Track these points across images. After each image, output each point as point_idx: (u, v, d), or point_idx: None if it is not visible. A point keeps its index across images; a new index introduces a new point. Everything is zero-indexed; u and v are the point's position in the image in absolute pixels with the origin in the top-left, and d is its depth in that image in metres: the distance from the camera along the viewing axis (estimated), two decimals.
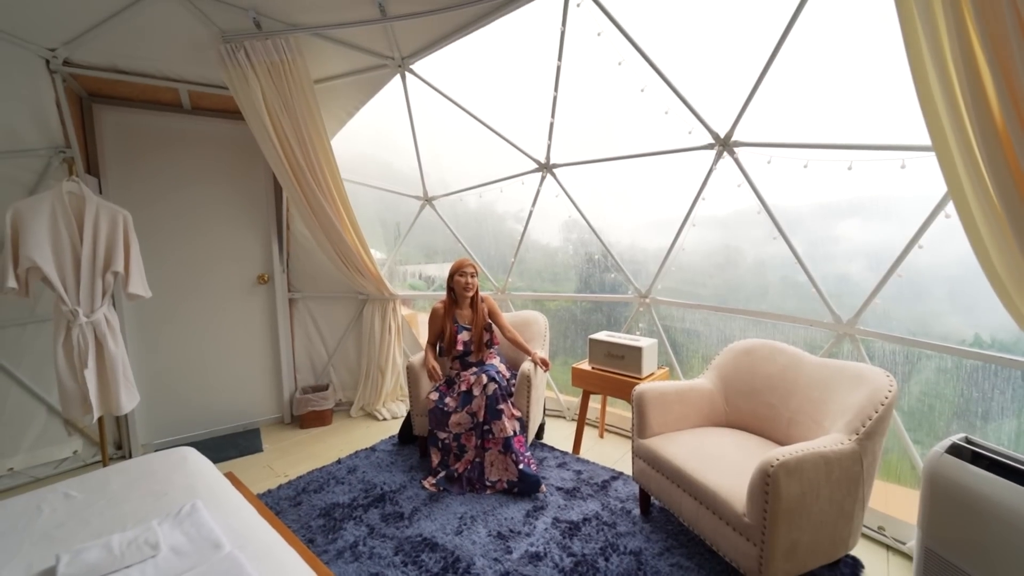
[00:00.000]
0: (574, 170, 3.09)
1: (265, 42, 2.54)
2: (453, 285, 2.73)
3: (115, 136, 2.78)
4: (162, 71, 2.70)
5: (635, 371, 2.61)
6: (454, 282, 2.72)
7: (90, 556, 1.17)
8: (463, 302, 2.75)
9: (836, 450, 1.57)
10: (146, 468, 1.78)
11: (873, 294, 2.10)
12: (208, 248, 3.11)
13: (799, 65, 2.07)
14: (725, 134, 2.38)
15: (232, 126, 3.09)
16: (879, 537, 2.03)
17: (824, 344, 2.35)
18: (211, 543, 1.28)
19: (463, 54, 2.81)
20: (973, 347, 1.91)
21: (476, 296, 2.77)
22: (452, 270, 2.73)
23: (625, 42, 2.37)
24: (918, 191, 1.81)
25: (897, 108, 1.77)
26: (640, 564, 1.88)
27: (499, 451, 2.43)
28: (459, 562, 1.89)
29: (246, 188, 3.22)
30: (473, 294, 2.75)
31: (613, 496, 2.36)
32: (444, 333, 2.74)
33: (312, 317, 3.59)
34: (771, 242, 2.46)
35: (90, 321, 2.22)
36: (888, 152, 1.91)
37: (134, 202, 2.71)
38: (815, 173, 2.13)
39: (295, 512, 2.26)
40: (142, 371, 2.87)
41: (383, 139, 3.68)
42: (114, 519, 1.45)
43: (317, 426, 3.35)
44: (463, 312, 2.76)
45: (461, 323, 2.74)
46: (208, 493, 1.62)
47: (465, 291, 2.70)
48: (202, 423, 3.17)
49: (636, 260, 3.21)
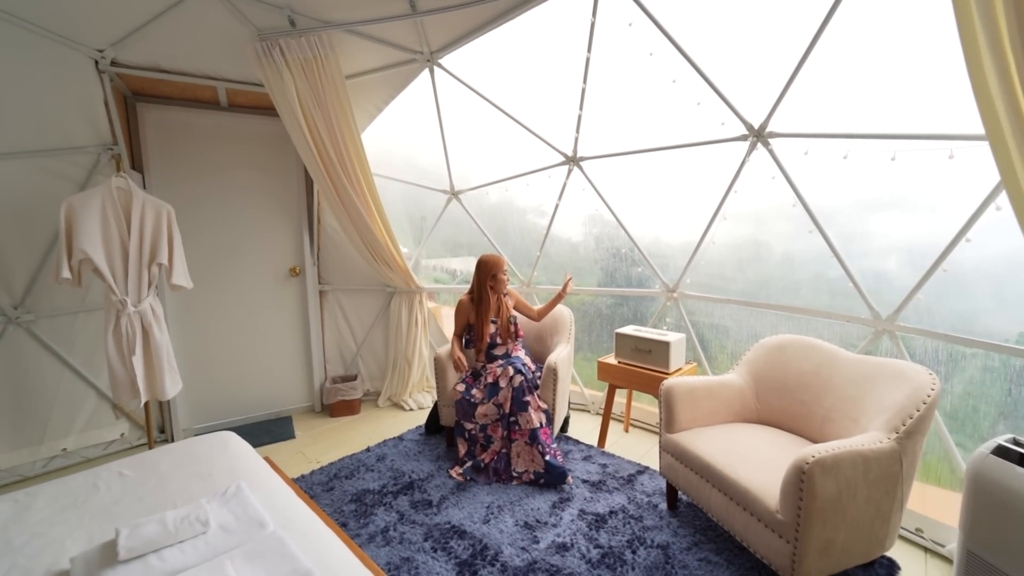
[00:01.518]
0: (601, 163, 3.07)
1: (299, 39, 2.59)
2: (495, 284, 2.74)
3: (157, 133, 2.89)
4: (201, 70, 2.79)
5: (662, 366, 2.60)
6: (498, 281, 2.73)
7: (147, 530, 1.25)
8: (489, 297, 2.78)
9: (875, 449, 1.53)
10: (191, 451, 1.87)
11: (916, 289, 2.03)
12: (243, 241, 3.22)
13: (840, 51, 1.99)
14: (760, 125, 2.33)
15: (266, 122, 3.17)
16: (917, 539, 1.98)
17: (859, 341, 2.29)
18: (256, 522, 1.34)
19: (491, 48, 2.81)
20: (1020, 345, 1.83)
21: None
22: (491, 269, 2.73)
23: (657, 32, 2.33)
24: (967, 182, 1.74)
25: (944, 95, 1.70)
26: (668, 558, 1.88)
27: (525, 442, 2.45)
28: (487, 550, 1.92)
29: (279, 182, 3.31)
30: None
31: (639, 490, 2.36)
32: (471, 325, 2.79)
33: (341, 309, 3.68)
34: (804, 236, 2.39)
35: (137, 311, 2.33)
36: (935, 142, 1.83)
37: (174, 196, 2.81)
38: (855, 164, 2.06)
39: (328, 497, 2.33)
40: (183, 359, 2.99)
41: (411, 133, 3.72)
42: (165, 497, 1.53)
43: (346, 415, 3.44)
44: (490, 306, 2.79)
45: (489, 316, 2.77)
46: (250, 475, 1.69)
47: (504, 288, 2.78)
48: (237, 409, 3.29)
49: (663, 254, 3.17)
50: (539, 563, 1.85)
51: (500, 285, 2.75)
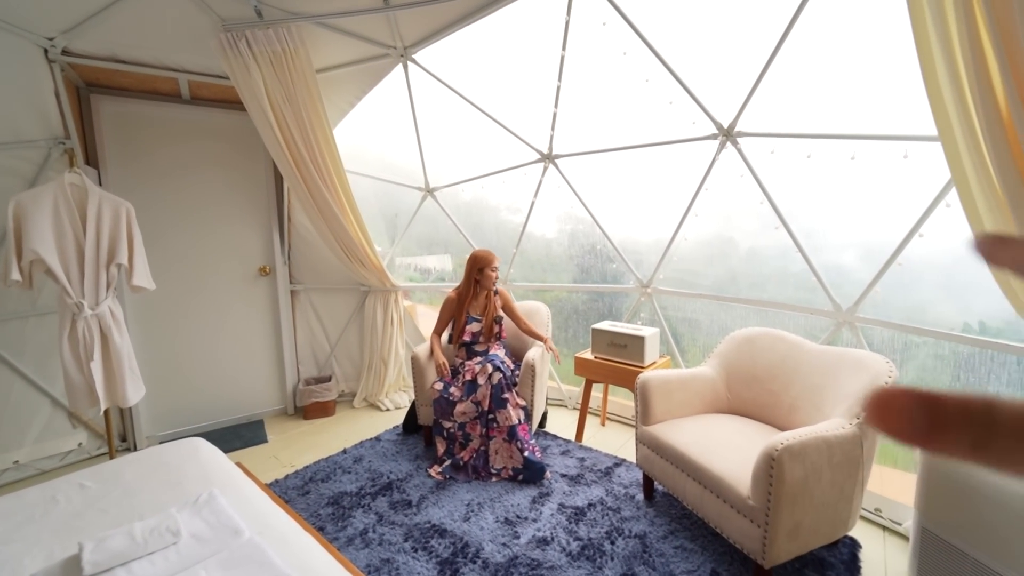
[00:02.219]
0: (576, 161, 3.10)
1: (267, 31, 2.51)
2: (480, 278, 2.72)
3: (114, 127, 2.75)
4: (161, 60, 2.67)
5: (638, 360, 2.65)
6: (484, 276, 2.71)
7: (114, 543, 1.19)
8: (480, 293, 2.77)
9: (838, 434, 1.61)
10: (158, 459, 1.80)
11: (874, 282, 2.14)
12: (209, 240, 3.10)
13: (803, 55, 2.08)
14: (728, 124, 2.40)
15: (232, 116, 3.06)
16: (876, 519, 2.09)
17: (822, 332, 2.40)
18: (231, 529, 1.30)
19: (466, 44, 2.80)
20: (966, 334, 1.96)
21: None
22: (482, 263, 2.71)
23: (630, 32, 2.37)
24: (920, 181, 1.84)
25: (900, 98, 1.80)
26: (645, 547, 1.92)
27: (504, 439, 2.46)
28: (468, 547, 1.93)
29: (247, 179, 3.20)
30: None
31: (617, 482, 2.41)
32: (456, 321, 2.77)
33: (314, 309, 3.60)
34: (771, 232, 2.48)
35: (95, 314, 2.21)
36: (891, 142, 1.93)
37: (134, 194, 2.69)
38: (818, 163, 2.15)
39: (304, 501, 2.28)
40: (145, 363, 2.86)
41: (384, 130, 3.66)
42: (131, 508, 1.47)
43: (320, 417, 3.37)
44: (477, 302, 2.78)
45: (473, 313, 2.77)
46: (222, 482, 1.63)
47: (491, 284, 2.74)
48: (206, 415, 3.18)
49: (637, 251, 3.23)
50: (520, 558, 1.87)
51: (486, 280, 2.72)
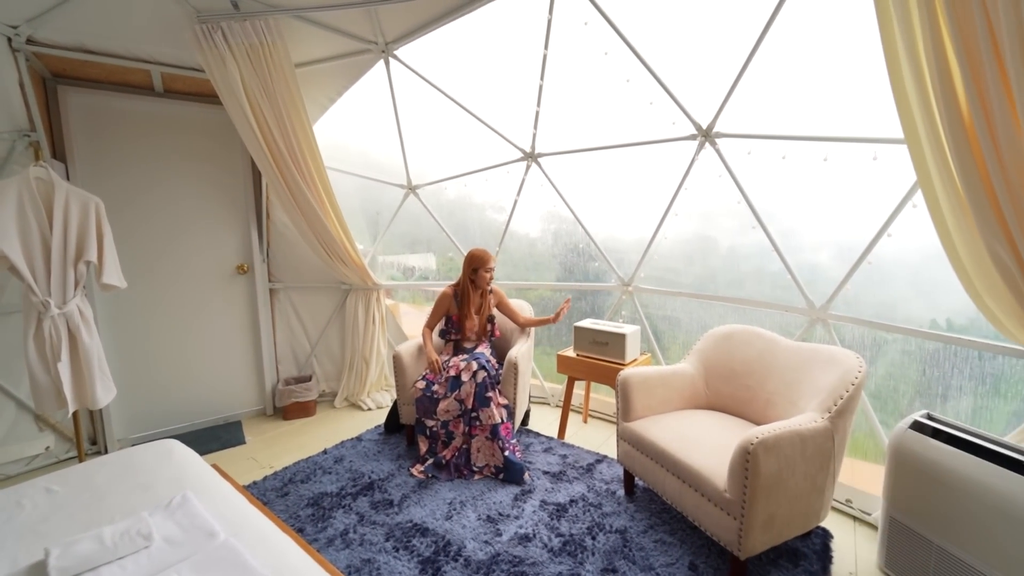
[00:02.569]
0: (559, 159, 3.11)
1: (243, 23, 2.46)
2: (475, 278, 2.73)
3: (82, 120, 2.65)
4: (132, 52, 2.59)
5: (619, 357, 2.68)
6: (478, 276, 2.72)
7: (81, 548, 1.16)
8: (475, 292, 2.79)
9: (810, 428, 1.66)
10: (129, 461, 1.75)
11: (845, 280, 2.20)
12: (184, 237, 3.02)
13: (779, 59, 2.13)
14: (707, 125, 2.44)
15: (208, 110, 2.99)
16: (847, 509, 2.16)
17: (797, 329, 2.46)
18: (205, 532, 1.28)
19: (448, 41, 2.78)
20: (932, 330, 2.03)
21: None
22: (476, 263, 2.71)
23: (611, 32, 2.39)
24: (888, 182, 1.91)
25: (870, 102, 1.85)
26: (626, 541, 1.95)
27: (486, 438, 2.47)
28: (450, 545, 1.92)
29: (223, 175, 3.13)
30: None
31: (598, 478, 2.43)
32: (452, 317, 2.80)
33: (294, 308, 3.54)
34: (748, 231, 2.54)
35: (62, 312, 2.14)
36: (861, 144, 1.99)
37: (104, 189, 2.61)
38: (793, 164, 2.21)
39: (283, 502, 2.25)
40: (117, 364, 2.78)
41: (366, 126, 3.62)
42: (101, 512, 1.42)
43: (301, 417, 3.32)
44: (473, 301, 2.80)
45: (469, 310, 2.79)
46: (197, 484, 1.60)
47: (487, 285, 2.76)
48: (181, 416, 3.10)
49: (619, 249, 3.27)
50: (502, 555, 1.87)
51: (480, 280, 2.73)
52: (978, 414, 2.03)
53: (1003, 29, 1.06)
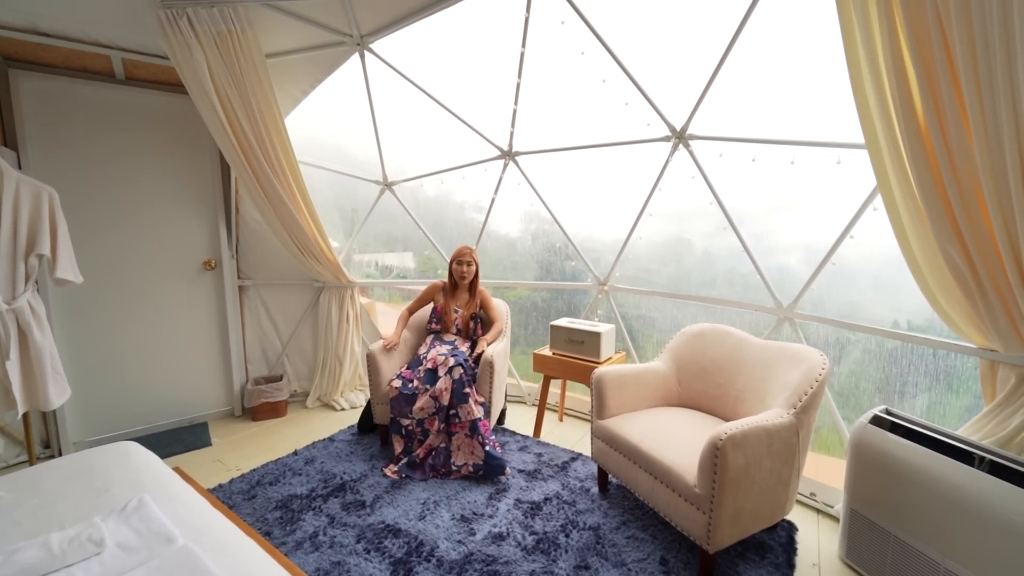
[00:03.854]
0: (536, 158, 3.12)
1: (211, 10, 2.37)
2: (452, 271, 2.87)
3: (36, 106, 2.52)
4: (91, 36, 2.46)
5: (594, 355, 2.70)
6: (452, 269, 2.86)
7: (26, 556, 1.09)
8: (461, 287, 2.89)
9: (776, 423, 1.70)
10: (83, 464, 1.66)
11: (810, 281, 2.27)
12: (147, 231, 2.90)
13: (749, 64, 2.18)
14: (681, 127, 2.48)
15: (173, 99, 2.87)
16: (811, 502, 2.23)
17: (765, 328, 2.53)
18: (162, 537, 1.22)
19: (426, 35, 2.74)
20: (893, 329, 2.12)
21: (475, 282, 2.90)
22: (453, 256, 2.87)
23: (588, 32, 2.40)
24: (851, 185, 1.97)
25: (835, 107, 1.91)
26: (599, 538, 1.96)
27: (466, 434, 2.45)
28: (423, 546, 1.90)
29: (189, 167, 3.02)
30: (472, 280, 2.88)
31: (573, 476, 2.44)
32: (436, 307, 2.89)
33: (264, 305, 3.44)
34: (720, 233, 2.59)
35: (11, 308, 2.02)
36: (826, 148, 2.06)
37: (60, 179, 2.48)
38: (762, 167, 2.27)
39: (249, 506, 2.18)
40: (74, 363, 2.66)
41: (342, 120, 3.55)
42: (50, 518, 1.35)
43: (271, 418, 3.23)
44: (460, 296, 2.89)
45: (455, 305, 2.87)
46: (156, 488, 1.53)
47: (462, 279, 2.84)
48: (143, 418, 2.98)
49: (595, 249, 3.29)
50: (475, 554, 1.86)
51: (459, 276, 2.83)
52: (932, 409, 2.12)
53: (956, 43, 1.11)
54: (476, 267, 2.86)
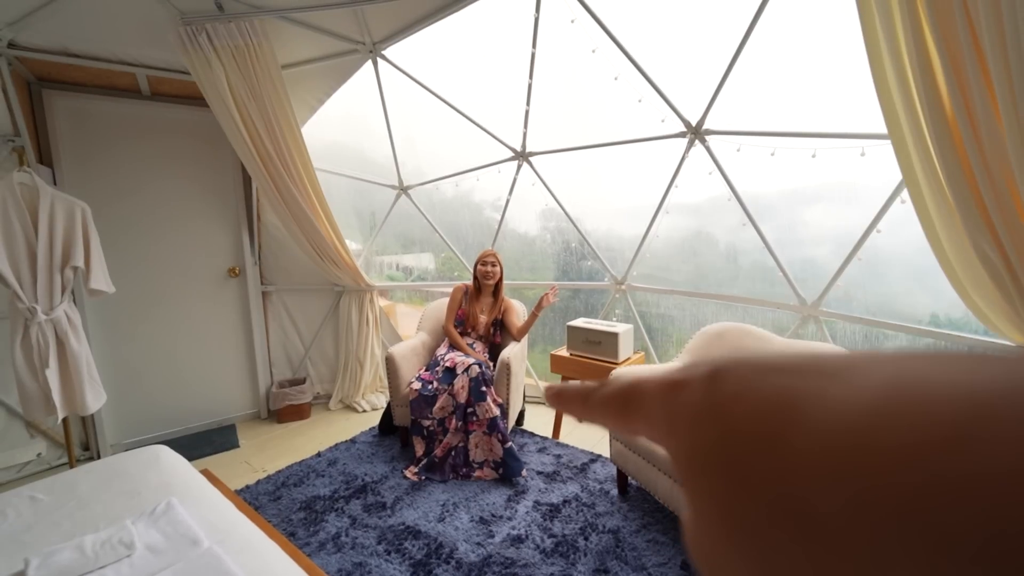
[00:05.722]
0: (550, 158, 3.10)
1: (228, 25, 2.44)
2: (477, 273, 2.89)
3: (69, 124, 2.64)
4: (117, 55, 2.57)
5: (612, 356, 2.67)
6: (477, 270, 2.88)
7: (62, 558, 1.15)
8: (485, 290, 2.90)
9: None
10: (117, 468, 1.74)
11: (835, 277, 2.19)
12: (174, 241, 3.01)
13: (765, 56, 2.12)
14: (696, 122, 2.43)
15: (196, 112, 2.97)
16: None
17: (791, 326, 2.45)
18: (189, 540, 1.27)
19: (436, 40, 2.76)
20: (930, 326, 2.02)
21: (499, 286, 2.91)
22: (477, 259, 2.90)
23: (599, 30, 2.37)
24: (877, 178, 1.90)
25: (857, 98, 1.84)
26: (618, 541, 1.94)
27: (484, 432, 2.46)
28: (442, 548, 1.92)
29: (213, 178, 3.11)
30: (496, 282, 2.88)
31: (592, 478, 2.43)
32: (459, 311, 2.92)
33: (287, 310, 3.53)
34: (741, 228, 2.53)
35: (50, 319, 2.13)
36: (849, 140, 1.98)
37: (92, 193, 2.59)
38: (782, 161, 2.20)
39: (275, 507, 2.24)
40: (109, 369, 2.78)
41: (356, 127, 3.60)
42: (85, 520, 1.41)
43: (295, 420, 3.31)
44: (484, 299, 2.91)
45: (477, 309, 2.90)
46: (183, 490, 1.59)
47: (486, 279, 2.85)
48: (174, 421, 3.09)
49: (612, 247, 3.25)
50: (494, 557, 1.86)
51: (483, 276, 2.85)
52: None
53: (983, 27, 1.05)
54: (500, 269, 2.86)
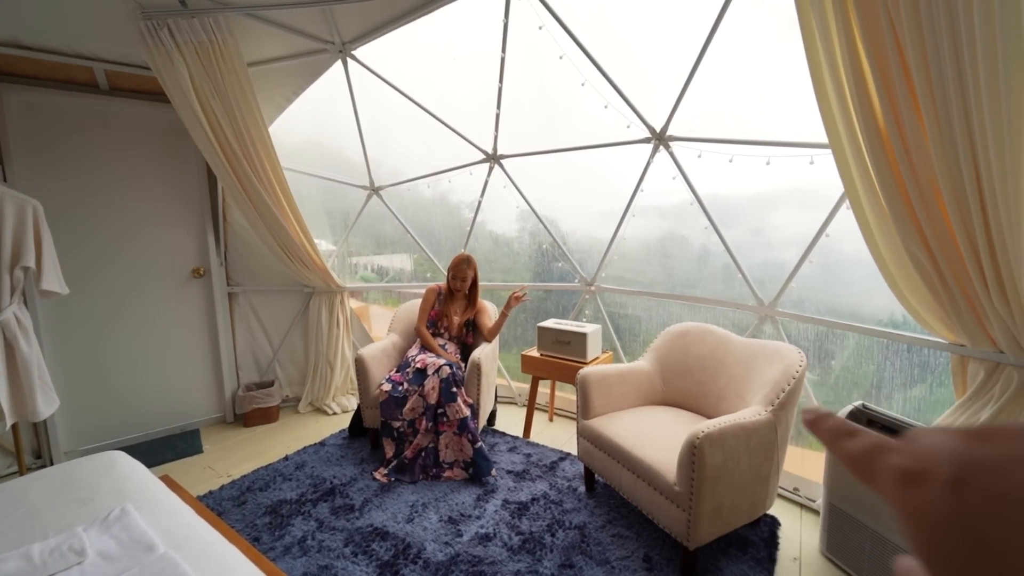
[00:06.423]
0: (521, 161, 3.14)
1: (191, 20, 2.38)
2: (450, 284, 2.89)
3: (20, 119, 2.53)
4: (73, 48, 2.48)
5: (580, 356, 2.72)
6: (449, 282, 2.89)
7: (6, 567, 1.11)
8: (457, 293, 2.91)
9: (754, 421, 1.73)
10: (69, 475, 1.68)
11: (789, 279, 2.30)
12: (135, 240, 2.91)
13: (723, 67, 2.21)
14: (660, 128, 2.51)
15: (158, 109, 2.88)
16: (794, 497, 2.26)
17: (749, 326, 2.55)
18: (143, 546, 1.24)
19: (407, 42, 2.77)
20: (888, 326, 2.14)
21: (475, 288, 2.91)
22: (449, 268, 2.89)
23: (566, 36, 2.42)
24: (827, 185, 2.00)
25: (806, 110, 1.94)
26: (584, 537, 1.99)
27: (454, 433, 2.47)
28: (410, 548, 1.92)
29: (176, 176, 3.03)
30: (470, 286, 2.90)
31: (560, 476, 2.47)
32: (432, 312, 2.91)
33: (255, 312, 3.46)
34: (703, 231, 2.62)
35: None
36: (799, 149, 2.09)
37: (48, 191, 2.50)
38: (740, 167, 2.29)
39: (239, 512, 2.20)
40: (65, 374, 2.67)
41: (327, 126, 3.56)
42: (34, 529, 1.37)
43: (262, 424, 3.25)
44: (459, 301, 2.93)
45: (449, 311, 2.91)
46: (140, 497, 1.55)
47: (457, 290, 2.89)
48: (134, 426, 2.99)
49: (583, 250, 3.32)
50: (461, 556, 1.88)
51: (453, 285, 2.86)
52: (909, 403, 2.15)
53: (909, 48, 1.13)
54: (475, 272, 2.86)
